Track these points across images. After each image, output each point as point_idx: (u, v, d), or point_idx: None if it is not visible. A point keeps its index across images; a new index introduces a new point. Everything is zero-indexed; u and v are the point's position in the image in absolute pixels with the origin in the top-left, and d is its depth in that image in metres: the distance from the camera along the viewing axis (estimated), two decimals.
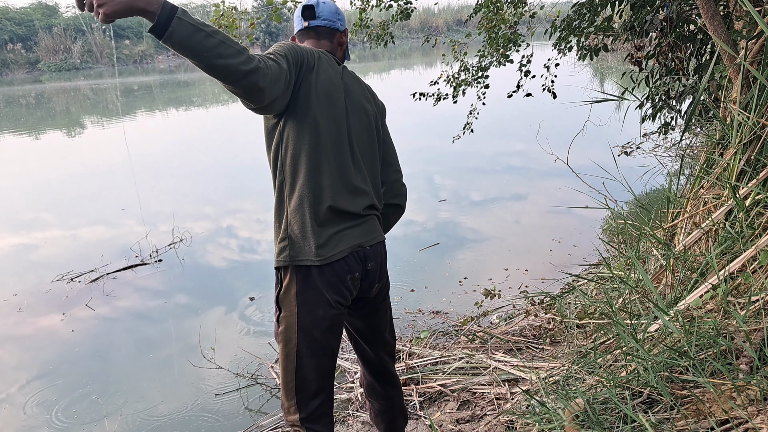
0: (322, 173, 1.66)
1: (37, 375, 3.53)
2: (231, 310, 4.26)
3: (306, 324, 1.67)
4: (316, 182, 1.66)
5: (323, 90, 1.67)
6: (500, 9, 5.28)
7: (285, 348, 1.71)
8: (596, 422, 1.67)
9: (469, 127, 5.85)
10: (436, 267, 4.74)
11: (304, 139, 1.64)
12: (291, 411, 1.74)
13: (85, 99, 20.03)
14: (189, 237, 5.68)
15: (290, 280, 1.68)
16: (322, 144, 1.66)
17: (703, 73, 3.59)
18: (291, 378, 1.72)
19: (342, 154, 1.71)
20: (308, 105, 1.64)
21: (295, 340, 1.69)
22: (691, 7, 3.65)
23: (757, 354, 1.60)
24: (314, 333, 1.68)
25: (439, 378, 2.85)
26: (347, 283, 1.71)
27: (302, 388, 1.72)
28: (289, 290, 1.69)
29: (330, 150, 1.68)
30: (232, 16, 4.33)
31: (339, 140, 1.70)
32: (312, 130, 1.65)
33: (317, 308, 1.67)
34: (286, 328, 1.70)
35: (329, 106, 1.68)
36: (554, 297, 3.49)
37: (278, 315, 1.73)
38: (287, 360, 1.72)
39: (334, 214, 1.68)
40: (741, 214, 2.13)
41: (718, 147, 2.58)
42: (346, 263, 1.69)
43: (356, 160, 1.76)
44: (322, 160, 1.66)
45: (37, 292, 4.69)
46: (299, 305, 1.67)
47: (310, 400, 1.73)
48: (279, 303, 1.72)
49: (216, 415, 3.04)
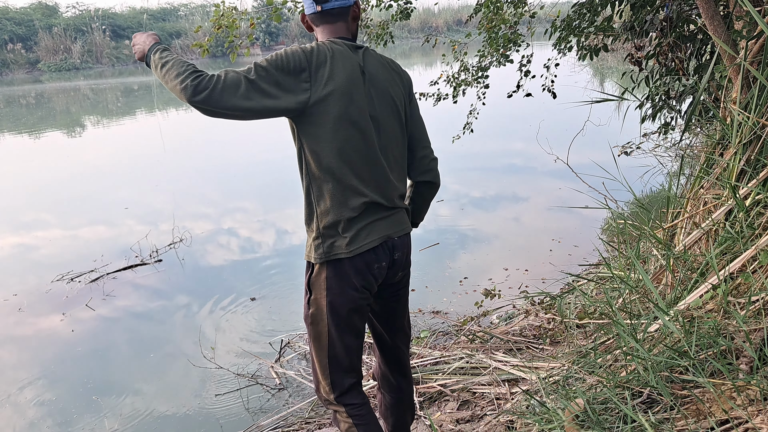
0: (350, 172, 1.67)
1: (37, 375, 3.53)
2: (231, 310, 4.26)
3: (335, 304, 1.73)
4: (343, 182, 1.67)
5: (341, 87, 1.64)
6: (500, 9, 5.28)
7: (315, 329, 1.78)
8: (596, 422, 1.67)
9: (469, 127, 5.85)
10: (436, 267, 4.74)
11: (327, 141, 1.64)
12: (326, 390, 1.82)
13: (85, 99, 20.02)
14: (189, 237, 5.68)
15: (320, 267, 1.73)
16: (348, 142, 1.66)
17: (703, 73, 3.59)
18: (323, 357, 1.79)
19: (369, 149, 1.71)
20: (326, 107, 1.63)
21: (326, 320, 1.75)
22: (691, 7, 3.65)
23: (757, 354, 1.60)
24: (342, 313, 1.74)
25: (439, 378, 2.85)
26: (374, 271, 1.75)
27: (336, 366, 1.79)
28: (319, 275, 1.74)
29: (356, 147, 1.68)
30: (232, 16, 4.33)
31: (365, 137, 1.69)
32: (335, 131, 1.64)
33: (345, 291, 1.72)
34: (317, 309, 1.76)
35: (349, 102, 1.65)
36: (554, 297, 3.49)
37: (309, 298, 1.78)
38: (318, 340, 1.78)
39: (366, 208, 1.71)
40: (741, 214, 2.13)
41: (718, 147, 2.58)
42: (375, 253, 1.74)
43: (385, 153, 1.76)
44: (350, 158, 1.67)
45: (37, 292, 4.69)
46: (328, 288, 1.72)
47: (344, 378, 1.81)
48: (310, 286, 1.77)
49: (216, 415, 3.04)
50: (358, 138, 1.68)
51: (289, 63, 1.61)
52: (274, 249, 5.47)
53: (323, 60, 1.64)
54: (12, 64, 29.76)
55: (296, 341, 3.65)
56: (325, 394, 1.84)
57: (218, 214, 6.55)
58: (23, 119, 15.61)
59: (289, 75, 1.60)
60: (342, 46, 1.70)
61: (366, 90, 1.70)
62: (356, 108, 1.67)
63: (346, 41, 1.74)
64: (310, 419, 2.81)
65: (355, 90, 1.67)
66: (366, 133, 1.69)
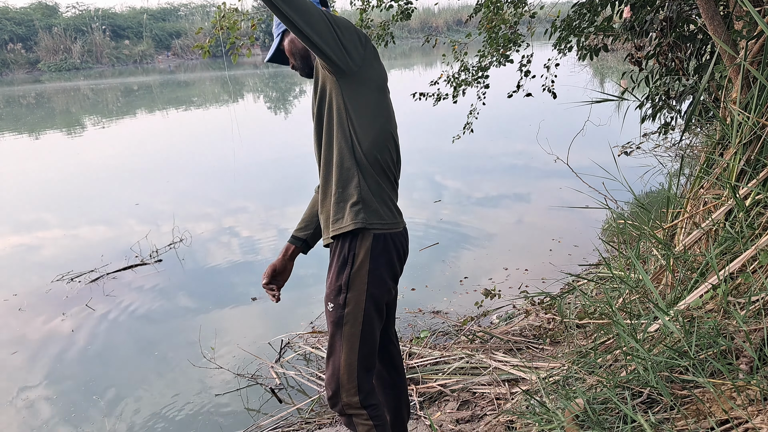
0: (388, 143, 1.71)
1: (36, 375, 3.53)
2: (231, 310, 4.26)
3: (376, 297, 1.71)
4: (384, 156, 1.70)
5: (377, 63, 1.71)
6: (500, 9, 5.28)
7: (350, 329, 1.71)
8: (596, 422, 1.67)
9: (469, 127, 5.86)
10: (436, 267, 4.74)
11: (374, 114, 1.68)
12: (351, 393, 1.74)
13: (85, 99, 20.02)
14: (189, 237, 5.68)
15: (364, 238, 1.68)
16: (388, 121, 1.72)
17: (703, 73, 3.59)
18: (353, 358, 1.72)
19: (394, 130, 1.77)
20: (372, 81, 1.68)
21: (361, 318, 1.70)
22: (691, 7, 3.65)
23: (757, 354, 1.60)
24: (381, 307, 1.74)
25: (439, 378, 2.85)
26: (401, 259, 1.77)
27: (364, 365, 1.74)
28: (362, 246, 1.68)
29: (392, 129, 1.74)
30: (233, 17, 4.33)
31: (390, 113, 1.75)
32: (379, 99, 1.69)
33: (384, 280, 1.72)
34: (354, 307, 1.70)
35: (383, 80, 1.73)
36: (554, 297, 3.49)
37: (345, 296, 1.70)
38: (351, 340, 1.72)
39: (394, 188, 1.76)
40: (741, 214, 2.13)
41: (718, 147, 2.58)
42: (404, 237, 1.77)
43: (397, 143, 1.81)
44: (389, 129, 1.72)
45: (37, 292, 4.69)
46: (370, 276, 1.69)
47: (368, 377, 1.77)
48: (348, 282, 1.70)
49: (216, 415, 3.04)
50: (390, 111, 1.75)
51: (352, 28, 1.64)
52: (274, 249, 5.47)
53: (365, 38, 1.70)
54: (12, 64, 29.78)
55: (296, 341, 3.65)
56: (347, 398, 1.75)
57: (219, 214, 6.55)
58: (23, 119, 15.61)
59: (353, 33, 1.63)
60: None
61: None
62: (385, 83, 1.74)
63: None
64: (310, 419, 2.81)
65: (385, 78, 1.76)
66: (391, 111, 1.76)
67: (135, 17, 34.40)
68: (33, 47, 30.52)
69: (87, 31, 31.83)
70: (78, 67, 30.76)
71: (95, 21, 32.33)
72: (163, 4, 39.91)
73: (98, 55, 31.94)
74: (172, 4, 37.67)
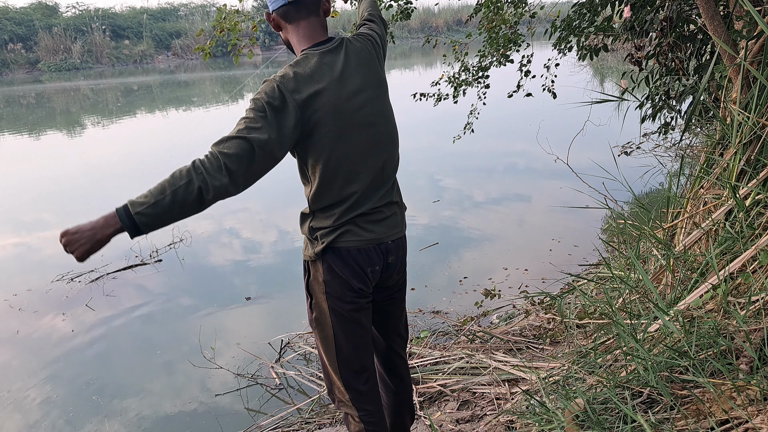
0: (344, 176, 1.65)
1: (37, 375, 3.53)
2: (231, 310, 4.26)
3: (336, 306, 1.72)
4: (336, 185, 1.65)
5: (329, 108, 1.58)
6: (500, 9, 5.28)
7: (321, 332, 1.77)
8: (596, 422, 1.67)
9: (469, 127, 5.85)
10: (436, 267, 4.74)
11: (324, 153, 1.61)
12: (341, 391, 1.80)
13: (85, 99, 20.02)
14: (189, 237, 5.68)
15: (316, 270, 1.73)
16: (344, 152, 1.63)
17: (703, 73, 3.59)
18: (333, 359, 1.77)
19: (363, 152, 1.67)
20: (320, 133, 1.59)
21: (329, 322, 1.74)
22: (691, 7, 3.65)
23: (757, 354, 1.60)
24: (344, 314, 1.73)
25: (439, 378, 2.85)
26: (368, 273, 1.74)
27: (346, 367, 1.77)
28: (316, 278, 1.73)
29: (353, 154, 1.65)
30: (234, 19, 4.33)
31: (358, 149, 1.65)
32: (334, 145, 1.61)
33: (343, 293, 1.71)
34: (319, 313, 1.75)
35: (339, 118, 1.59)
36: (554, 297, 3.49)
37: (310, 302, 1.77)
38: (326, 343, 1.77)
39: (360, 215, 1.70)
40: (741, 214, 2.13)
41: (718, 147, 2.58)
42: (368, 255, 1.71)
43: (379, 155, 1.69)
44: (346, 162, 1.65)
45: (37, 292, 4.70)
46: (327, 291, 1.71)
47: (357, 379, 1.79)
48: (309, 290, 1.77)
49: (216, 415, 3.04)
50: (354, 145, 1.64)
51: (271, 104, 1.52)
52: (275, 249, 5.47)
53: (314, 87, 1.56)
54: (12, 64, 29.79)
55: (296, 341, 3.65)
56: (339, 395, 1.82)
57: (219, 214, 6.55)
58: (23, 119, 15.61)
59: (276, 112, 1.53)
60: (321, 57, 1.60)
61: (352, 94, 1.62)
62: (347, 118, 1.61)
63: (321, 46, 1.64)
64: (310, 419, 2.81)
65: (343, 104, 1.59)
66: (359, 139, 1.65)
67: (135, 17, 34.40)
68: (33, 47, 30.52)
69: (87, 31, 31.84)
70: (78, 67, 30.76)
71: (95, 21, 32.33)
72: (163, 4, 39.91)
73: (98, 55, 31.94)
74: (172, 4, 37.68)
